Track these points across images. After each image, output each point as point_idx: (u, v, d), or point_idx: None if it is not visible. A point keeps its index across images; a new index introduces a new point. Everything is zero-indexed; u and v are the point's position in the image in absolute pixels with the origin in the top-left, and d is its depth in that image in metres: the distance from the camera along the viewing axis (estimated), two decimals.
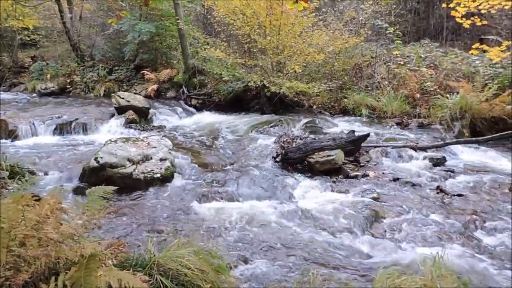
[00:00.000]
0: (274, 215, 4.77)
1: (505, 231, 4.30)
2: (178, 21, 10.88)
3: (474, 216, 4.64)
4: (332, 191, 5.46)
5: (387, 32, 10.64)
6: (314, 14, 10.17)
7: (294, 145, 6.51)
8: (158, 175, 5.61)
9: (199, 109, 10.53)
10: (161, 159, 5.90)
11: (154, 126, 8.86)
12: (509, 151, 7.02)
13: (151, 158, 5.89)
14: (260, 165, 6.27)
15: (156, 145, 6.25)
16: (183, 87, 11.21)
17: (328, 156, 6.07)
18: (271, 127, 8.34)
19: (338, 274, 3.50)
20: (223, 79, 10.48)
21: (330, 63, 10.50)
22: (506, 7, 6.83)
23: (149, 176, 5.55)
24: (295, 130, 7.97)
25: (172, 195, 5.28)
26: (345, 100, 9.84)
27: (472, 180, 5.77)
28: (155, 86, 11.62)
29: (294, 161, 6.21)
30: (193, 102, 10.81)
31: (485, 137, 7.32)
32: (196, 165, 6.30)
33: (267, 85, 9.42)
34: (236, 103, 10.15)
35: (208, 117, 9.73)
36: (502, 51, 7.36)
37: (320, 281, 3.23)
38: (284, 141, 6.86)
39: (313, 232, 4.38)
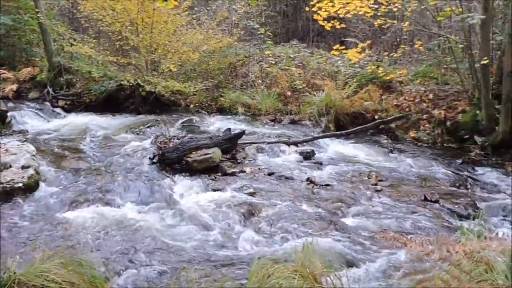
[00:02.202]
0: (153, 218, 4.66)
1: (365, 214, 4.79)
2: (38, 14, 9.95)
3: (340, 203, 5.07)
4: (211, 189, 5.51)
5: (259, 32, 11.07)
6: (187, 12, 10.12)
7: (171, 145, 6.43)
8: (20, 184, 5.07)
9: (67, 110, 9.76)
10: (23, 167, 5.35)
11: (14, 131, 7.96)
12: (368, 143, 7.83)
13: (11, 166, 5.31)
14: (136, 168, 6.07)
15: (16, 151, 5.65)
16: (48, 87, 10.28)
17: (205, 154, 6.11)
18: (147, 127, 8.10)
19: (216, 271, 3.55)
20: (94, 78, 9.88)
21: (205, 62, 10.57)
22: (360, 13, 7.56)
23: (8, 186, 4.99)
24: (172, 130, 7.85)
25: (37, 206, 4.83)
26: (222, 98, 10.00)
27: (337, 170, 6.29)
28: (14, 86, 10.44)
29: (171, 161, 6.13)
30: (61, 103, 9.99)
31: (348, 130, 8.09)
32: (66, 171, 5.84)
33: (141, 84, 9.13)
34: (109, 103, 9.64)
35: (78, 119, 9.06)
36: (358, 52, 8.15)
37: (197, 279, 3.25)
38: (161, 142, 6.73)
39: (192, 232, 4.38)
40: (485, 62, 6.88)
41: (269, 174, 6.02)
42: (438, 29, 9.09)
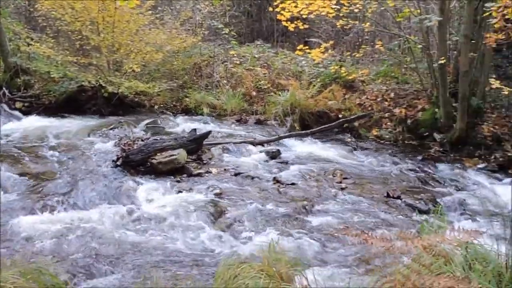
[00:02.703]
0: (117, 221, 4.56)
1: (330, 212, 4.87)
2: None
3: (305, 202, 5.13)
4: (177, 191, 5.44)
5: (223, 32, 11.05)
6: (150, 12, 9.98)
7: (135, 147, 6.31)
8: None
9: (26, 113, 9.38)
10: None
11: None
12: (332, 141, 7.96)
13: None
14: (99, 171, 5.91)
15: None
16: (4, 88, 9.85)
17: (170, 156, 6.04)
18: (111, 129, 7.91)
19: (183, 272, 3.53)
20: (53, 78, 9.56)
21: (169, 62, 10.45)
22: (323, 13, 7.67)
23: None
24: (136, 131, 7.72)
25: None
26: (187, 99, 9.92)
27: (303, 169, 6.35)
28: None
29: (136, 163, 6.02)
30: (18, 105, 9.59)
31: (313, 130, 8.21)
32: (24, 177, 5.61)
33: (103, 85, 8.91)
34: (70, 105, 9.35)
35: (37, 122, 8.73)
36: (322, 52, 8.27)
37: (163, 281, 3.22)
38: (124, 144, 6.60)
39: (158, 234, 4.33)
40: (442, 62, 7.14)
41: (236, 175, 6.01)
42: (398, 30, 9.35)
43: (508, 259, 2.49)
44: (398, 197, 5.34)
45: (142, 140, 6.72)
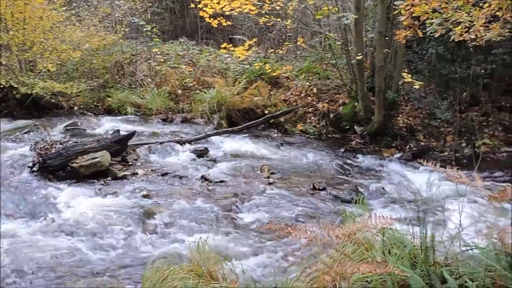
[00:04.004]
0: (35, 232, 4.27)
1: (258, 207, 4.94)
2: None
3: (234, 199, 5.16)
4: (101, 195, 5.22)
5: (145, 30, 10.76)
6: (65, 8, 9.45)
7: (53, 151, 5.95)
8: None
9: None
10: None
11: None
12: (259, 137, 8.06)
13: None
14: (13, 178, 5.49)
15: None
16: None
17: (93, 158, 5.78)
18: (25, 133, 7.38)
19: (110, 279, 3.40)
20: None
21: (88, 61, 9.98)
22: (245, 11, 7.73)
23: None
24: (54, 134, 7.29)
25: None
26: (109, 99, 9.54)
27: (231, 166, 6.38)
28: None
29: (55, 168, 5.67)
30: None
31: (240, 126, 8.26)
32: None
33: (15, 86, 8.30)
34: None
35: None
36: (246, 49, 8.34)
37: None
38: (41, 148, 6.20)
39: (82, 243, 4.11)
40: (359, 57, 7.51)
41: (163, 175, 5.89)
42: (319, 27, 9.67)
43: (422, 242, 2.68)
44: (323, 189, 5.55)
45: (61, 144, 6.35)
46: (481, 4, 5.00)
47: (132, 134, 6.59)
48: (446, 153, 7.34)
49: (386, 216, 2.60)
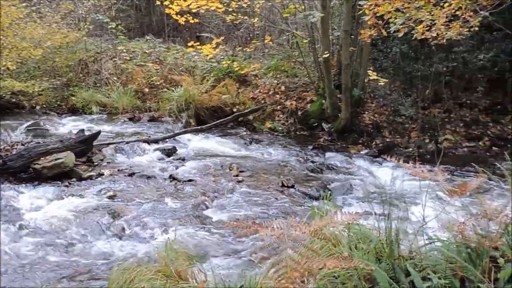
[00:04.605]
0: None
1: (227, 205, 4.93)
2: None
3: (203, 198, 5.12)
4: (65, 197, 5.06)
5: (110, 27, 10.53)
6: (25, 4, 9.13)
7: (14, 152, 5.77)
8: None
9: None
10: None
11: None
12: (228, 136, 8.04)
13: None
14: None
15: None
16: None
17: (56, 159, 5.61)
18: None
19: (75, 283, 3.31)
20: None
21: (51, 59, 9.69)
22: (212, 8, 7.69)
23: None
24: (15, 135, 7.05)
25: None
26: (73, 98, 9.31)
27: (200, 165, 6.33)
28: None
29: (16, 170, 5.49)
30: None
31: (208, 125, 8.22)
32: None
33: None
34: None
35: None
36: (213, 47, 8.31)
37: None
38: (1, 149, 5.99)
39: (45, 246, 3.98)
40: (326, 55, 7.60)
41: (130, 175, 5.78)
42: (286, 25, 9.73)
43: (387, 236, 2.74)
44: (292, 186, 5.58)
45: (23, 144, 6.18)
46: (441, 4, 5.14)
47: (97, 134, 6.45)
48: (411, 149, 7.53)
49: (353, 212, 2.63)
